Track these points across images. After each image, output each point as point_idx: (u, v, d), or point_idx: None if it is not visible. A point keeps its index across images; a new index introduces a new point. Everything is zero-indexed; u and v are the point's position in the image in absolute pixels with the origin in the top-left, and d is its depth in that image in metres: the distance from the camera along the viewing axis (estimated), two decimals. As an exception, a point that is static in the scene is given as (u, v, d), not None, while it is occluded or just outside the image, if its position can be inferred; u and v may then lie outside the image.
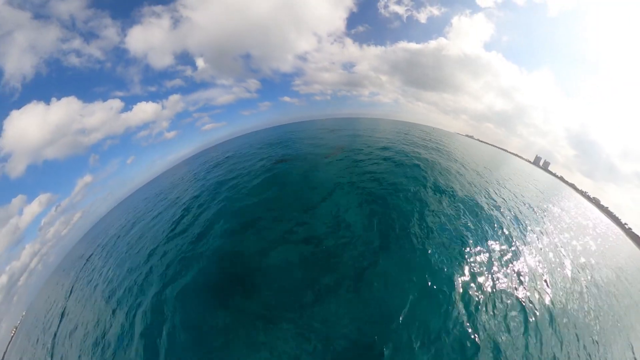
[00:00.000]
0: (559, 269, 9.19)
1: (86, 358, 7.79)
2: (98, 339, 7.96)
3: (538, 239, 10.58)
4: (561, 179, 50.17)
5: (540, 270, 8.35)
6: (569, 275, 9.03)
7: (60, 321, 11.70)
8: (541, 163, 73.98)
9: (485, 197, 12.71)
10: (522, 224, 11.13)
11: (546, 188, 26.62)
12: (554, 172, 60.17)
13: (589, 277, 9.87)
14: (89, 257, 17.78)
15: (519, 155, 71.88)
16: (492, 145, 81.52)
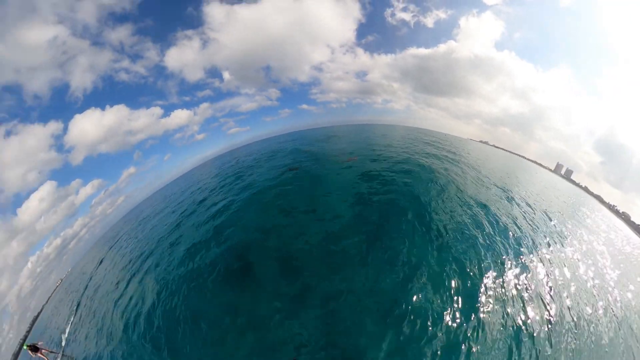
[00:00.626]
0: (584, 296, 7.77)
1: (101, 309, 10.64)
2: (115, 296, 10.42)
3: (561, 262, 9.17)
4: (585, 189, 45.96)
5: (562, 300, 7.07)
6: (599, 311, 7.47)
7: (90, 280, 16.26)
8: (563, 171, 69.06)
9: (499, 209, 11.41)
10: (540, 243, 9.72)
11: (569, 200, 23.87)
12: (577, 181, 55.80)
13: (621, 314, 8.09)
14: (123, 234, 22.73)
15: (538, 162, 67.28)
16: (508, 151, 77.33)
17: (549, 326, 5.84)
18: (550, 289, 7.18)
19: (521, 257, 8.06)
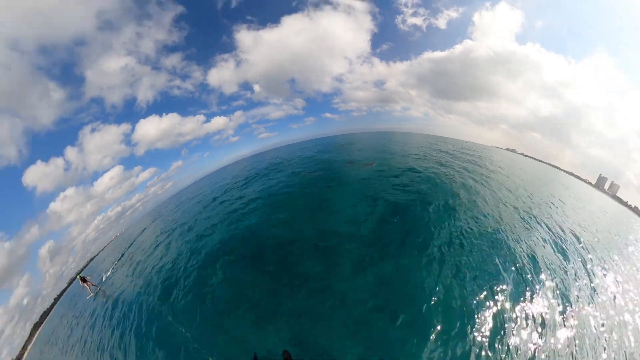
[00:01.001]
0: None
1: (136, 261, 13.73)
2: (148, 253, 13.47)
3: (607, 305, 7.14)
4: (636, 210, 38.56)
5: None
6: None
7: (134, 241, 20.37)
8: (607, 186, 59.82)
9: (528, 233, 9.46)
10: (576, 288, 7.39)
11: (616, 224, 19.02)
12: (625, 199, 47.52)
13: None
14: (165, 211, 28.80)
15: (576, 174, 58.23)
16: (539, 160, 69.09)
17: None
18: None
19: (557, 294, 6.50)
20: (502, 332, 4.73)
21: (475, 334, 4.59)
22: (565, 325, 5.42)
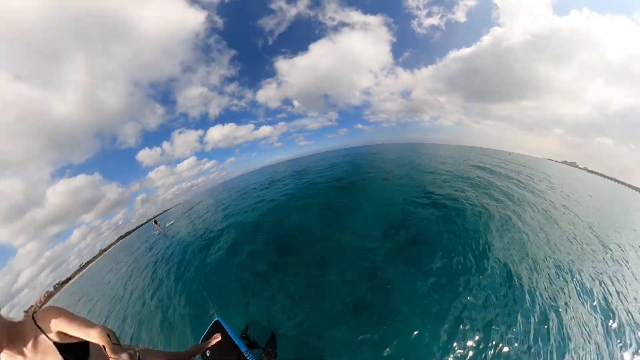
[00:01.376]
0: None
1: (191, 220, 19.86)
2: (200, 216, 19.50)
3: None
4: None
5: None
6: None
7: (193, 207, 30.40)
8: None
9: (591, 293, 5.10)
10: None
11: None
12: None
13: None
14: (217, 193, 37.77)
15: None
16: (612, 179, 55.57)
17: None
18: None
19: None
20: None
21: None
22: None
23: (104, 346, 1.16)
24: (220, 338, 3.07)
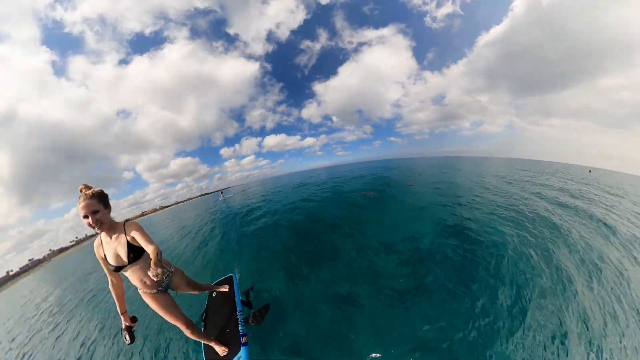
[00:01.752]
0: None
1: (241, 198, 25.09)
2: (246, 197, 24.30)
3: None
4: None
5: None
6: None
7: (245, 190, 41.42)
8: None
9: None
10: None
11: None
12: None
13: None
14: (267, 184, 47.05)
15: None
16: None
17: None
18: None
19: None
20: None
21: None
22: None
23: (151, 259, 1.72)
24: (227, 289, 3.62)
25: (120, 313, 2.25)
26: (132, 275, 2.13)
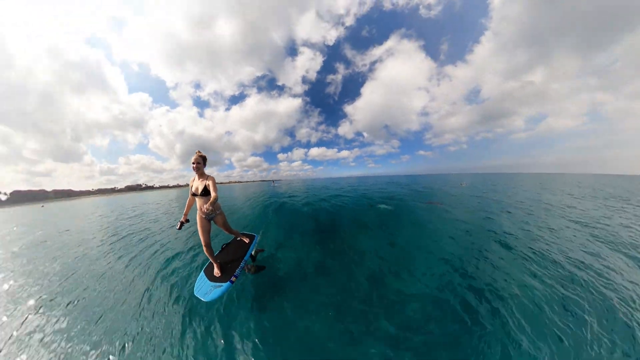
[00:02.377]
0: None
1: (285, 189, 33.37)
2: (287, 193, 24.92)
3: None
4: None
5: None
6: None
7: (289, 183, 68.23)
8: None
9: None
10: None
11: None
12: None
13: None
14: (307, 183, 60.81)
15: None
16: None
17: None
18: None
19: None
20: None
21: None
22: None
23: (212, 201, 3.08)
24: (247, 241, 4.65)
25: (184, 214, 3.63)
26: (198, 201, 3.51)
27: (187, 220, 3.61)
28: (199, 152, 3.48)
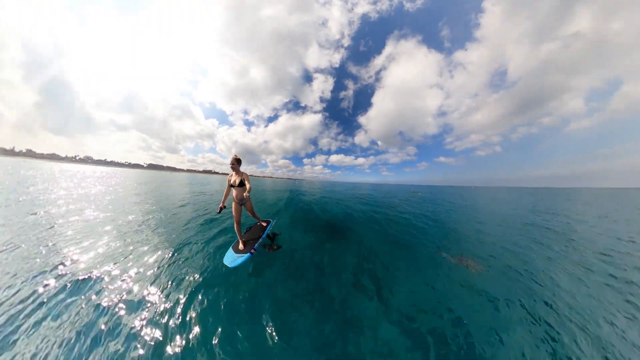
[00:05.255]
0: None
1: (302, 188, 43.39)
2: (307, 190, 32.57)
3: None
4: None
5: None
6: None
7: (301, 183, 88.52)
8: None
9: None
10: None
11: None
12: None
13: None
14: (329, 183, 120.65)
15: None
16: None
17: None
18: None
19: None
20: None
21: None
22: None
23: (248, 189, 4.39)
24: (264, 225, 5.85)
25: (222, 201, 4.33)
26: (235, 191, 4.47)
27: (225, 207, 4.31)
28: (236, 155, 4.44)
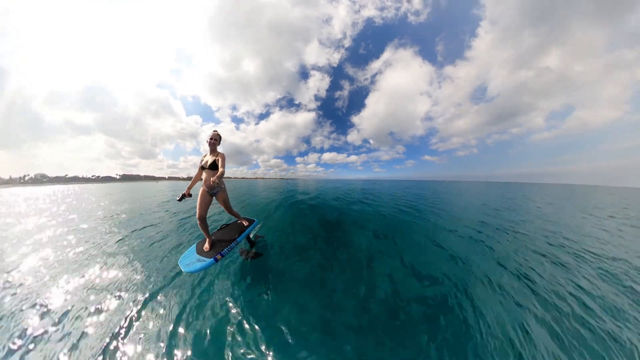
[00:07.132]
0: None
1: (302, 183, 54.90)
2: (300, 189, 27.94)
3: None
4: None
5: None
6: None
7: (297, 182, 75.51)
8: None
9: None
10: None
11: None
12: None
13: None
14: (322, 183, 60.98)
15: None
16: None
17: None
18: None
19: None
20: None
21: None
22: None
23: (219, 174, 3.06)
24: (245, 225, 4.59)
25: (188, 187, 3.54)
26: (205, 174, 3.49)
27: (190, 195, 3.49)
28: (216, 130, 3.56)
